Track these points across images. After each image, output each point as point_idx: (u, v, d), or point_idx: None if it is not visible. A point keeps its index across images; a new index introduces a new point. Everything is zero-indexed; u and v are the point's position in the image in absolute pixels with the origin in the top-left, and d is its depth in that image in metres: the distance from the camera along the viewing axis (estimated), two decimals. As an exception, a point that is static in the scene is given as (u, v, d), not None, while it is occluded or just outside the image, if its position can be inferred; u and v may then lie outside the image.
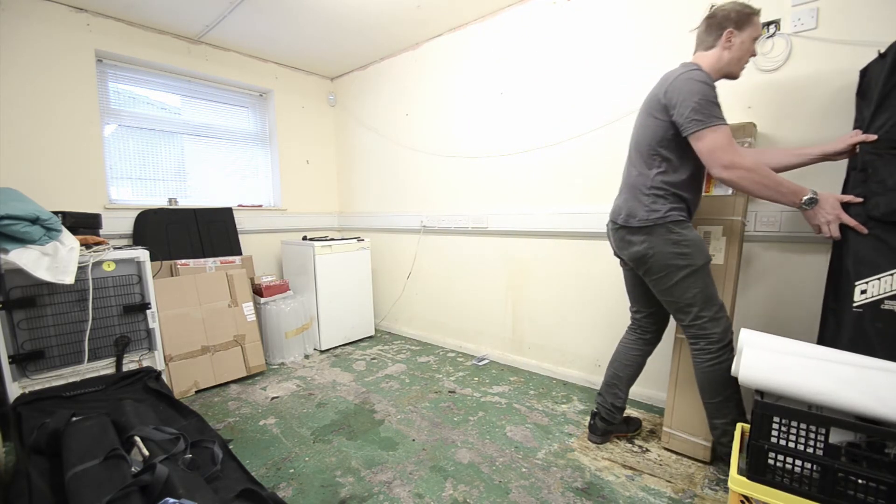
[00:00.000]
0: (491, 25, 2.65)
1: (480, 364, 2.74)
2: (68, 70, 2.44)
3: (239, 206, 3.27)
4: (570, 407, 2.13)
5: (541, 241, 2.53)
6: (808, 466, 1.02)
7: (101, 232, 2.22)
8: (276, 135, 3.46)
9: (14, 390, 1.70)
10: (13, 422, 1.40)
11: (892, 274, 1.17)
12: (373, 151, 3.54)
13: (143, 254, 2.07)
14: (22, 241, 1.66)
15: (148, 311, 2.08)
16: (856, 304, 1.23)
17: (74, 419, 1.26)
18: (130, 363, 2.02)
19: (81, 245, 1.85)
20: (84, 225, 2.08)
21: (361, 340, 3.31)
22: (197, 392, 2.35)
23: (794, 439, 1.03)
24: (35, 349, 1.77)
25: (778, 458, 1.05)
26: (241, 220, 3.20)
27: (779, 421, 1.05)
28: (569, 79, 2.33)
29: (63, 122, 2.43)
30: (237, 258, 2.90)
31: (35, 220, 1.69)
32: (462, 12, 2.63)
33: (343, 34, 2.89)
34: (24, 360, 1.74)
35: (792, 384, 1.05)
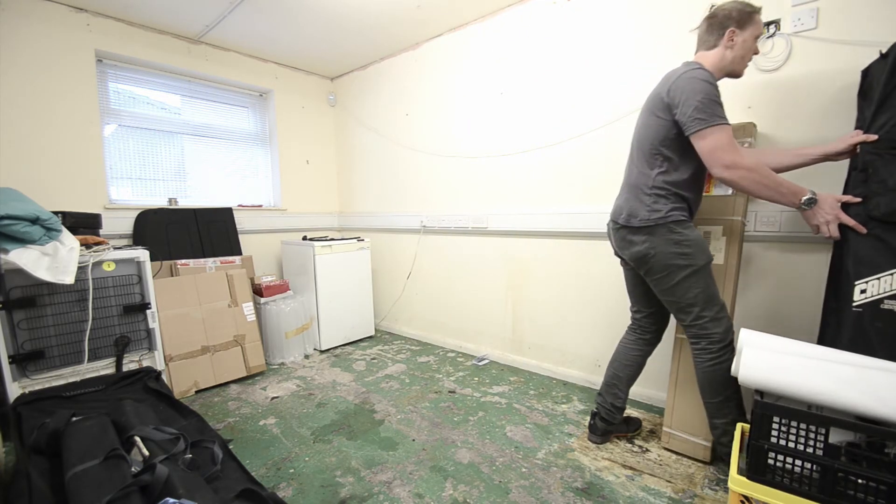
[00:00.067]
0: (491, 25, 2.65)
1: (480, 364, 2.74)
2: (68, 70, 2.44)
3: (239, 206, 3.27)
4: (570, 407, 2.13)
5: (541, 241, 2.53)
6: (808, 466, 1.02)
7: (101, 232, 2.22)
8: (276, 135, 3.46)
9: (14, 390, 1.70)
10: (13, 422, 1.40)
11: (891, 274, 1.17)
12: (373, 151, 3.54)
13: (143, 254, 2.07)
14: (22, 241, 1.66)
15: (148, 311, 2.08)
16: (855, 304, 1.23)
17: (74, 419, 1.26)
18: (130, 363, 2.02)
19: (81, 245, 1.85)
20: (84, 225, 2.09)
21: (361, 340, 3.31)
22: (197, 392, 2.35)
23: (794, 439, 1.03)
24: (35, 349, 1.77)
25: (778, 458, 1.05)
26: (241, 220, 3.20)
27: (778, 421, 1.05)
28: (569, 79, 2.33)
29: (63, 122, 2.43)
30: (237, 258, 2.90)
31: (35, 220, 1.69)
32: (462, 12, 2.63)
33: (343, 34, 2.89)
34: (24, 360, 1.74)
35: (792, 384, 1.05)
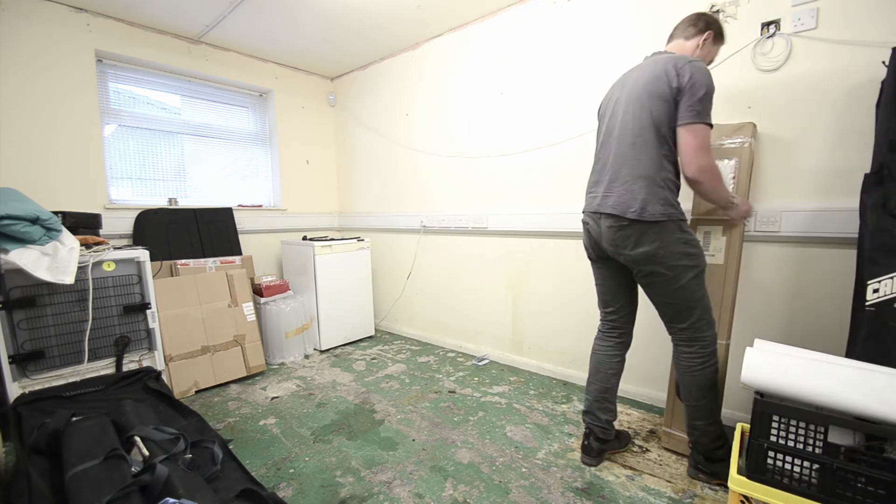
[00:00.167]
0: (491, 25, 2.65)
1: (480, 364, 2.74)
2: (68, 70, 2.44)
3: (239, 206, 3.27)
4: (570, 407, 2.13)
5: (541, 241, 2.53)
6: (807, 466, 1.02)
7: (101, 232, 2.22)
8: (276, 135, 3.46)
9: (14, 390, 1.70)
10: (13, 422, 1.40)
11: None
12: (373, 151, 3.54)
13: (143, 254, 2.07)
14: (22, 241, 1.66)
15: (148, 311, 2.08)
16: (868, 303, 1.23)
17: (74, 419, 1.26)
18: (130, 363, 2.02)
19: (81, 245, 1.85)
20: (84, 225, 2.08)
21: (361, 340, 3.31)
22: (197, 392, 2.35)
23: (794, 438, 1.03)
24: (35, 349, 1.77)
25: (777, 458, 1.05)
26: (241, 220, 3.20)
27: (778, 420, 1.05)
28: (569, 79, 2.33)
29: (63, 122, 2.43)
30: (237, 258, 2.90)
31: (35, 220, 1.69)
32: (462, 12, 2.63)
33: (343, 34, 2.89)
34: (24, 360, 1.74)
35: (794, 385, 1.05)
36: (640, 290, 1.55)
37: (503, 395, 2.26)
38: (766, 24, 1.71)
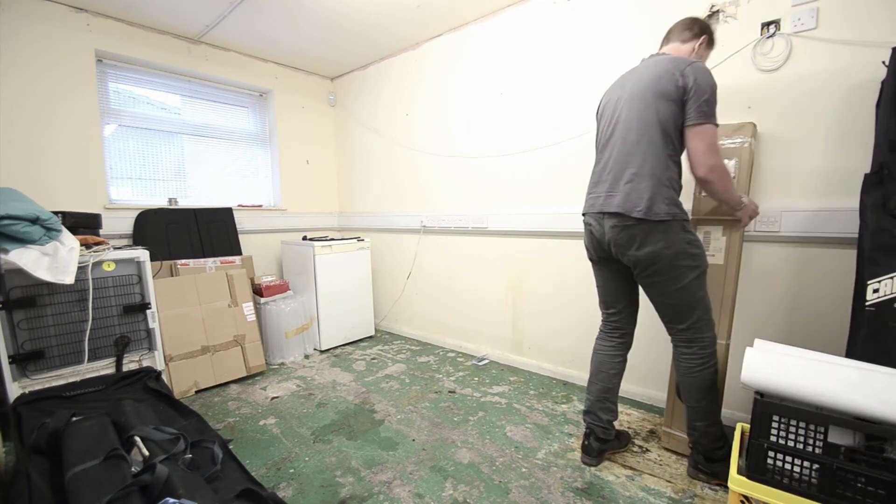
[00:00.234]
0: (491, 25, 2.65)
1: (480, 364, 2.74)
2: (68, 70, 2.44)
3: (239, 206, 3.27)
4: (570, 407, 2.13)
5: (541, 241, 2.53)
6: (807, 466, 1.02)
7: (101, 232, 2.22)
8: (276, 135, 3.46)
9: (14, 390, 1.70)
10: (13, 422, 1.40)
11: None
12: (373, 151, 3.54)
13: (143, 254, 2.07)
14: (22, 241, 1.66)
15: (148, 311, 2.08)
16: (868, 303, 1.23)
17: (74, 419, 1.26)
18: (130, 363, 2.02)
19: (81, 245, 1.85)
20: (84, 225, 2.08)
21: (361, 340, 3.31)
22: (197, 392, 2.35)
23: (794, 438, 1.03)
24: (35, 349, 1.77)
25: (777, 458, 1.05)
26: (241, 220, 3.20)
27: (778, 420, 1.05)
28: (569, 79, 2.33)
29: (63, 122, 2.43)
30: (237, 258, 2.90)
31: (35, 220, 1.69)
32: (462, 12, 2.63)
33: (343, 34, 2.89)
34: (24, 360, 1.74)
35: (794, 385, 1.05)
36: (641, 291, 1.56)
37: (503, 395, 2.26)
38: (766, 24, 1.71)
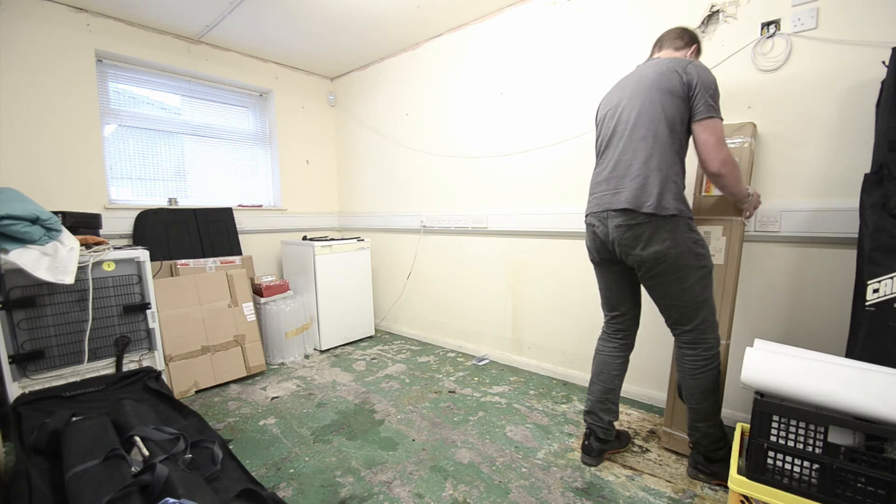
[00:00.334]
0: (491, 25, 2.65)
1: (480, 364, 2.74)
2: (68, 70, 2.44)
3: (239, 206, 3.27)
4: (570, 407, 2.13)
5: (541, 240, 2.53)
6: (807, 466, 1.02)
7: (101, 232, 2.22)
8: (276, 135, 3.46)
9: (14, 390, 1.70)
10: (13, 422, 1.40)
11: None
12: (373, 151, 3.54)
13: (143, 254, 2.07)
14: (22, 241, 1.66)
15: (148, 311, 2.08)
16: (868, 303, 1.23)
17: (74, 419, 1.26)
18: (130, 363, 2.02)
19: (81, 245, 1.85)
20: (84, 225, 2.08)
21: (361, 340, 3.31)
22: (197, 392, 2.35)
23: (794, 438, 1.03)
24: (35, 349, 1.77)
25: (777, 458, 1.05)
26: (241, 220, 3.20)
27: (778, 420, 1.05)
28: (569, 79, 2.33)
29: (63, 121, 2.43)
30: (237, 258, 2.90)
31: (35, 220, 1.69)
32: (462, 12, 2.63)
33: (343, 34, 2.89)
34: (24, 360, 1.74)
35: (794, 385, 1.05)
36: (643, 291, 1.55)
37: (503, 395, 2.26)
38: (766, 24, 1.71)
